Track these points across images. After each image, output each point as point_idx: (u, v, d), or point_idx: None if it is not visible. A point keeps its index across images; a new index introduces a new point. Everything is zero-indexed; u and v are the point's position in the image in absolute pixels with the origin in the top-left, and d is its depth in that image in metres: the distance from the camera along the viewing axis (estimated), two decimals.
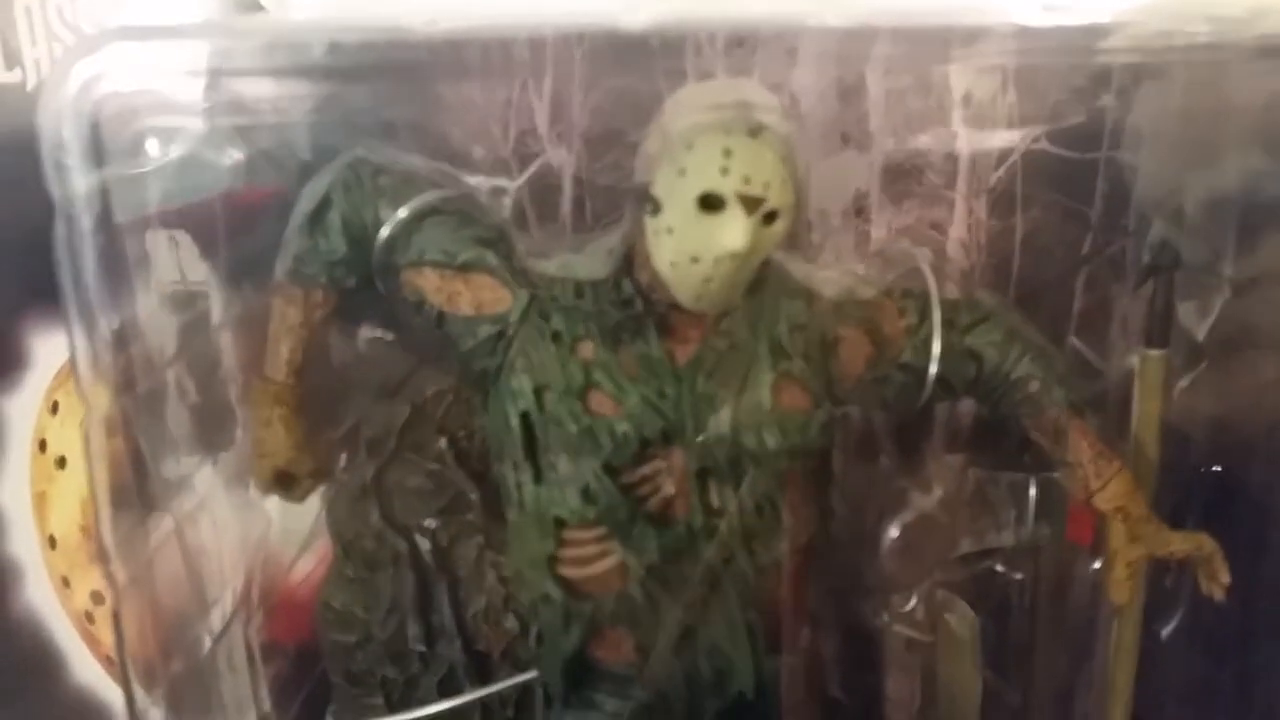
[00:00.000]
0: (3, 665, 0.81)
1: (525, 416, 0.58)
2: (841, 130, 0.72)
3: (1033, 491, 0.71)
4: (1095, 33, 0.65)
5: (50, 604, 0.81)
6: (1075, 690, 0.76)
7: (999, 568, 0.74)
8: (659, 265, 0.55)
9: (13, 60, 0.71)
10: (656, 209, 0.54)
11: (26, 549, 0.80)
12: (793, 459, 0.58)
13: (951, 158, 0.73)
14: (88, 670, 0.83)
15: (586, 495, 0.57)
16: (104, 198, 0.54)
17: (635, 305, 0.57)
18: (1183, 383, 0.70)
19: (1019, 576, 0.74)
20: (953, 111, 0.72)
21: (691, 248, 0.54)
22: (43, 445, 0.78)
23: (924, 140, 0.72)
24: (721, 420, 0.57)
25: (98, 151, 0.53)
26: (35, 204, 0.66)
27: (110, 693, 0.83)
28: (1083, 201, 0.74)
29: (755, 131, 0.53)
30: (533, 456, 0.58)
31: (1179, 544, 0.62)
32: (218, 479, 0.73)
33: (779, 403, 0.57)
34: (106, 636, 0.82)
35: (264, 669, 0.78)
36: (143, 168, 0.57)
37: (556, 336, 0.57)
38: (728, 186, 0.52)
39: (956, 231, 0.75)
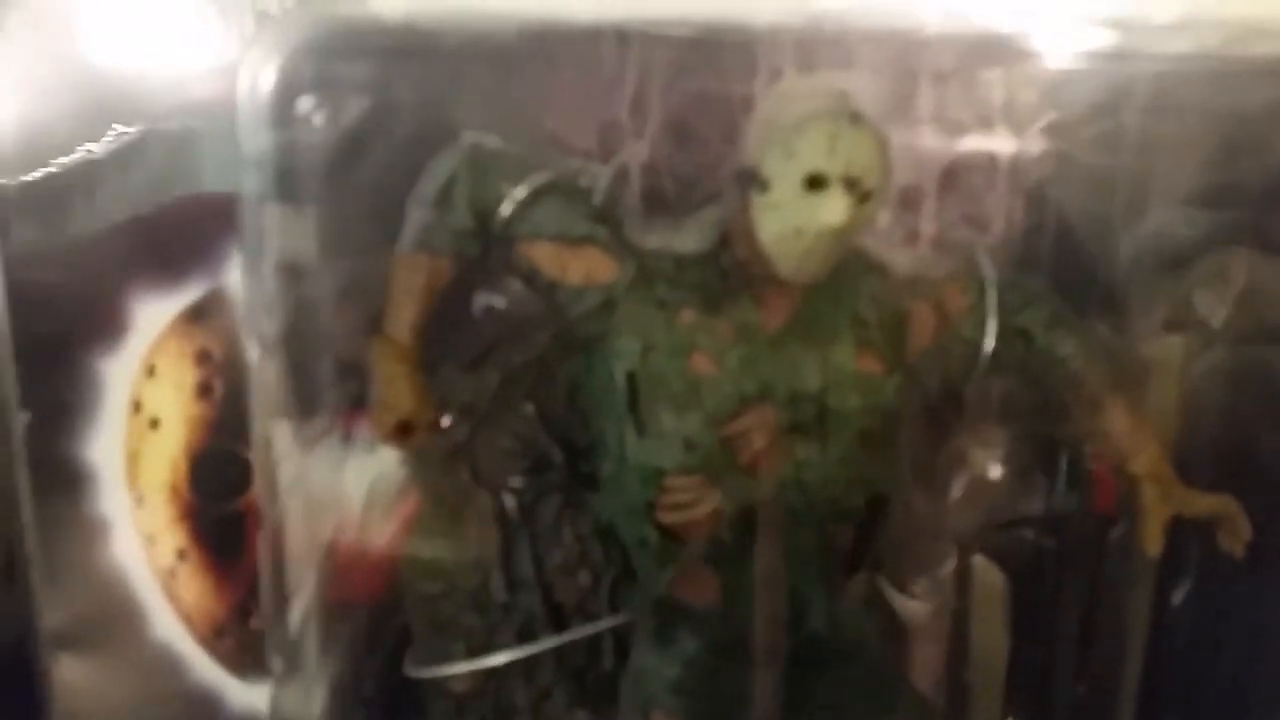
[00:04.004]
0: (89, 617, 0.85)
1: (631, 375, 0.64)
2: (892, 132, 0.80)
3: (1063, 463, 0.78)
4: (1119, 49, 0.74)
5: (136, 560, 0.85)
6: (1093, 650, 0.83)
7: (1029, 535, 0.81)
8: (763, 238, 0.62)
9: None
10: (765, 187, 0.61)
11: (116, 506, 0.84)
12: (871, 418, 0.64)
13: (993, 159, 0.81)
14: (168, 626, 0.87)
15: (688, 446, 0.63)
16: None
17: (732, 277, 0.64)
18: (1198, 366, 0.78)
19: (1048, 544, 0.81)
20: (994, 117, 0.80)
21: (797, 222, 0.60)
22: (137, 406, 0.83)
23: (968, 142, 0.80)
24: (810, 381, 0.63)
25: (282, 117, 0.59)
26: (140, 182, 0.72)
27: (187, 648, 0.87)
28: (1108, 202, 0.82)
29: (855, 119, 0.60)
30: (635, 411, 0.64)
31: (1204, 504, 0.69)
32: (303, 440, 0.78)
33: (859, 367, 0.64)
34: (187, 594, 0.87)
35: (341, 625, 0.83)
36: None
37: (661, 304, 0.64)
38: (832, 168, 0.59)
39: (996, 226, 0.82)
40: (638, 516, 0.65)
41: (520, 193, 0.65)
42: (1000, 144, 0.80)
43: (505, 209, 0.65)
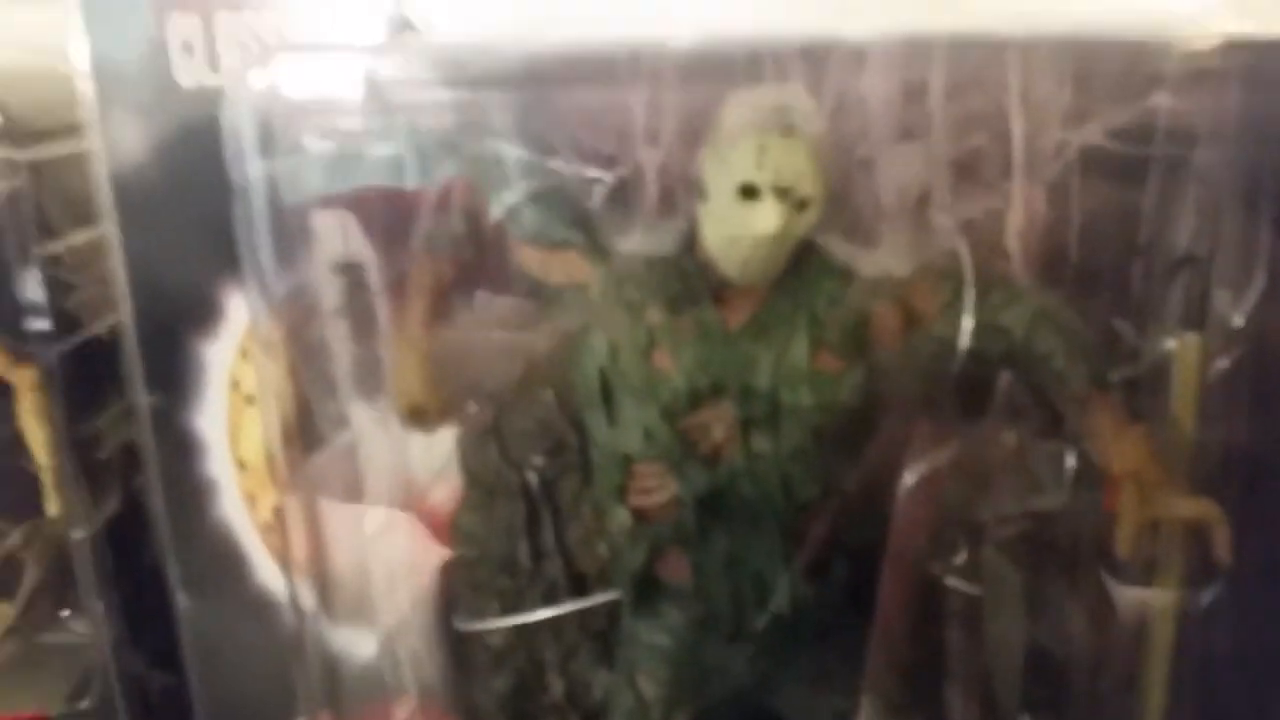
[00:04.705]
0: (202, 565, 1.00)
1: (602, 370, 0.70)
2: (905, 127, 0.81)
3: (1070, 461, 0.77)
4: (1148, 37, 0.72)
5: (240, 516, 0.99)
6: (1115, 650, 0.82)
7: (1041, 531, 0.81)
8: (707, 245, 0.66)
9: (214, 66, 0.87)
10: (704, 196, 0.65)
11: (222, 469, 0.98)
12: (824, 414, 0.67)
13: (1009, 152, 0.80)
14: (268, 573, 1.00)
15: (647, 436, 0.68)
16: (273, 183, 0.70)
17: (694, 279, 0.68)
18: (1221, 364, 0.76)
19: (1060, 540, 0.81)
20: (1011, 109, 0.79)
21: (731, 230, 0.64)
22: (235, 384, 0.96)
23: (982, 136, 0.79)
24: (762, 378, 0.67)
25: (269, 144, 0.68)
26: (229, 186, 0.82)
27: (284, 594, 1.00)
28: (1136, 194, 0.79)
29: (788, 131, 0.63)
30: (607, 403, 0.70)
31: (1185, 509, 0.68)
32: (372, 417, 0.88)
33: (814, 365, 0.67)
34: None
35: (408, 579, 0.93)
36: (305, 160, 0.71)
37: (629, 303, 0.69)
38: (762, 178, 0.63)
39: (1014, 221, 0.82)
40: (611, 499, 0.71)
41: (510, 198, 0.72)
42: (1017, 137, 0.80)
43: (496, 213, 0.72)
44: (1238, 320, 0.75)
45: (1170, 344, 0.76)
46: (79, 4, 0.86)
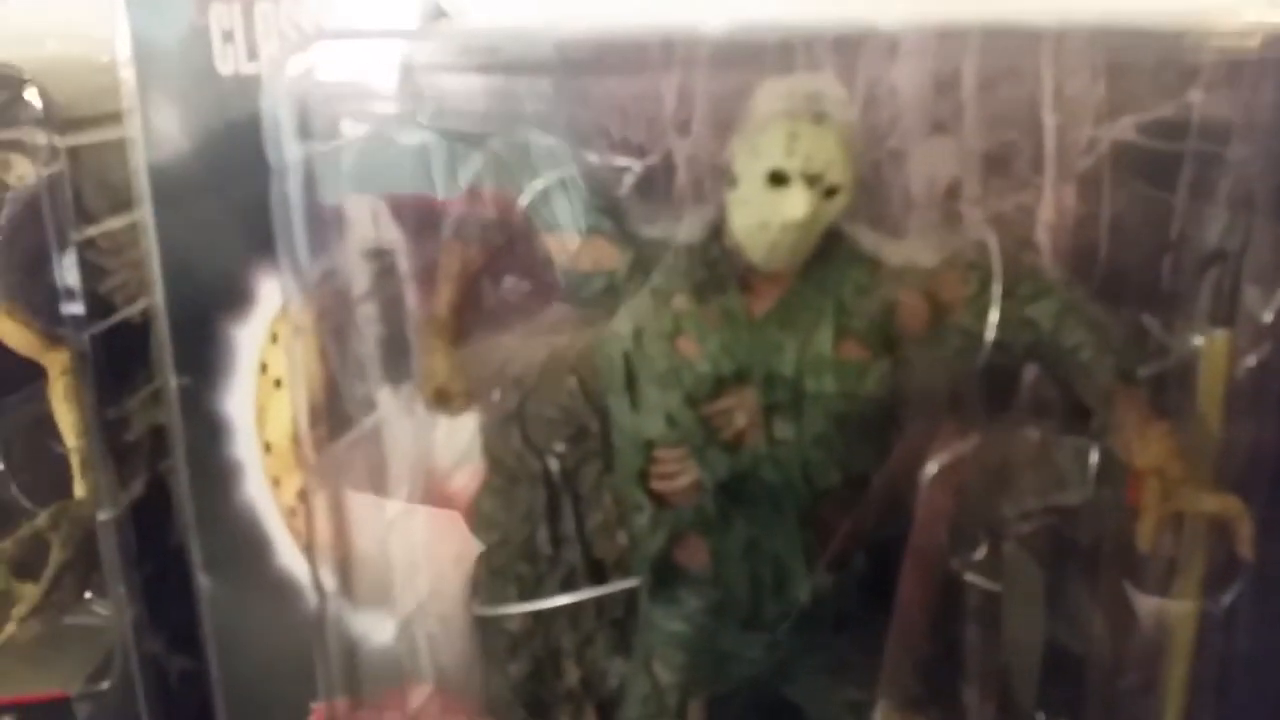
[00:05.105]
0: (224, 547, 1.00)
1: (626, 355, 0.70)
2: (937, 118, 0.81)
3: (1094, 456, 0.77)
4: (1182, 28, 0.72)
5: (264, 499, 1.00)
6: (1134, 649, 0.82)
7: (1063, 527, 0.80)
8: (735, 231, 0.66)
9: (253, 54, 0.88)
10: (734, 183, 0.65)
11: (247, 452, 0.99)
12: (848, 402, 0.67)
13: (1041, 146, 0.80)
14: (289, 556, 1.01)
15: (670, 421, 0.69)
16: (309, 168, 0.70)
17: (721, 266, 0.68)
18: (1248, 361, 0.75)
19: (1082, 536, 0.80)
20: (1043, 103, 0.79)
21: (761, 216, 0.64)
22: (264, 367, 0.97)
23: (1014, 130, 0.79)
24: (786, 365, 0.67)
25: (305, 130, 0.69)
26: (263, 173, 0.83)
27: (306, 577, 1.00)
28: (1167, 190, 0.79)
29: (818, 119, 0.63)
30: (631, 388, 0.70)
31: (1208, 504, 0.68)
32: (397, 402, 0.89)
33: (838, 353, 0.67)
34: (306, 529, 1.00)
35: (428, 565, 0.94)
36: (340, 145, 0.72)
37: (655, 290, 0.69)
38: (792, 165, 0.63)
39: (1044, 215, 0.81)
40: (632, 484, 0.71)
41: (538, 186, 0.72)
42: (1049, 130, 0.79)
43: (523, 201, 0.72)
44: (1267, 317, 0.74)
45: (1198, 340, 0.75)
46: None
